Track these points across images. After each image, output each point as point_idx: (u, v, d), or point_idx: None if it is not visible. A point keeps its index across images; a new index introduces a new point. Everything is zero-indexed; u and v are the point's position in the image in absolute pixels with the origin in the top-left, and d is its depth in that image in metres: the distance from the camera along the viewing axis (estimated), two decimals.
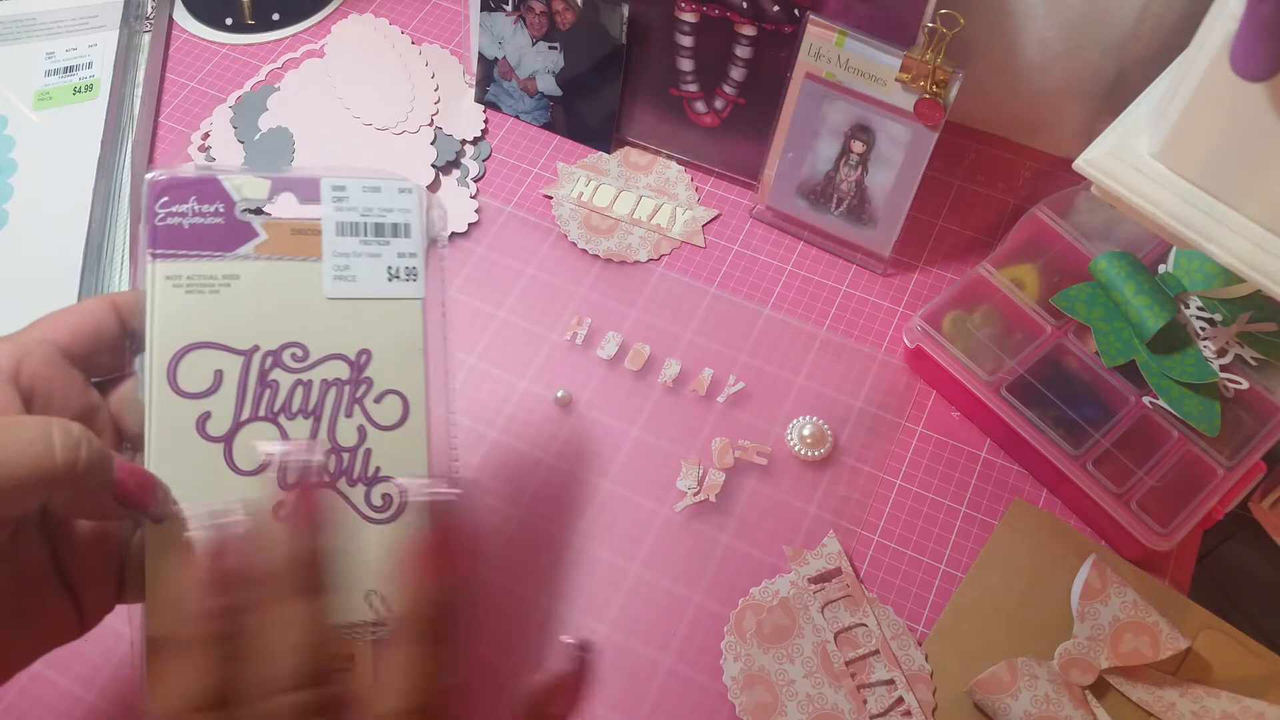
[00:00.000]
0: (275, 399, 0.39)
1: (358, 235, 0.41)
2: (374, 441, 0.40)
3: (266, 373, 0.39)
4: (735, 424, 0.56)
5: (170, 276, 0.39)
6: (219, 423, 0.38)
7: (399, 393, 0.40)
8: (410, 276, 0.41)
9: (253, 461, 0.38)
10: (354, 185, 0.41)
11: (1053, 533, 0.52)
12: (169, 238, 0.39)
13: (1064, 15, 0.57)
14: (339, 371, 0.40)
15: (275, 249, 0.40)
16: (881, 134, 0.57)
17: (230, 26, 0.73)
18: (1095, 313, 0.55)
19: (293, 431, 0.39)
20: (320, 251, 0.40)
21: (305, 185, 0.41)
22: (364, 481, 0.40)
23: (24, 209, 0.61)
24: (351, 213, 0.41)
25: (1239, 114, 0.41)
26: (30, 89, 0.66)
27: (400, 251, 0.41)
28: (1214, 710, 0.47)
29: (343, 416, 0.40)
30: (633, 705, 0.48)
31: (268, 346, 0.39)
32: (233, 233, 0.40)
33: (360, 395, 0.40)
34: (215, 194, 0.40)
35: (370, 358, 0.40)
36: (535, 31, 0.64)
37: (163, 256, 0.39)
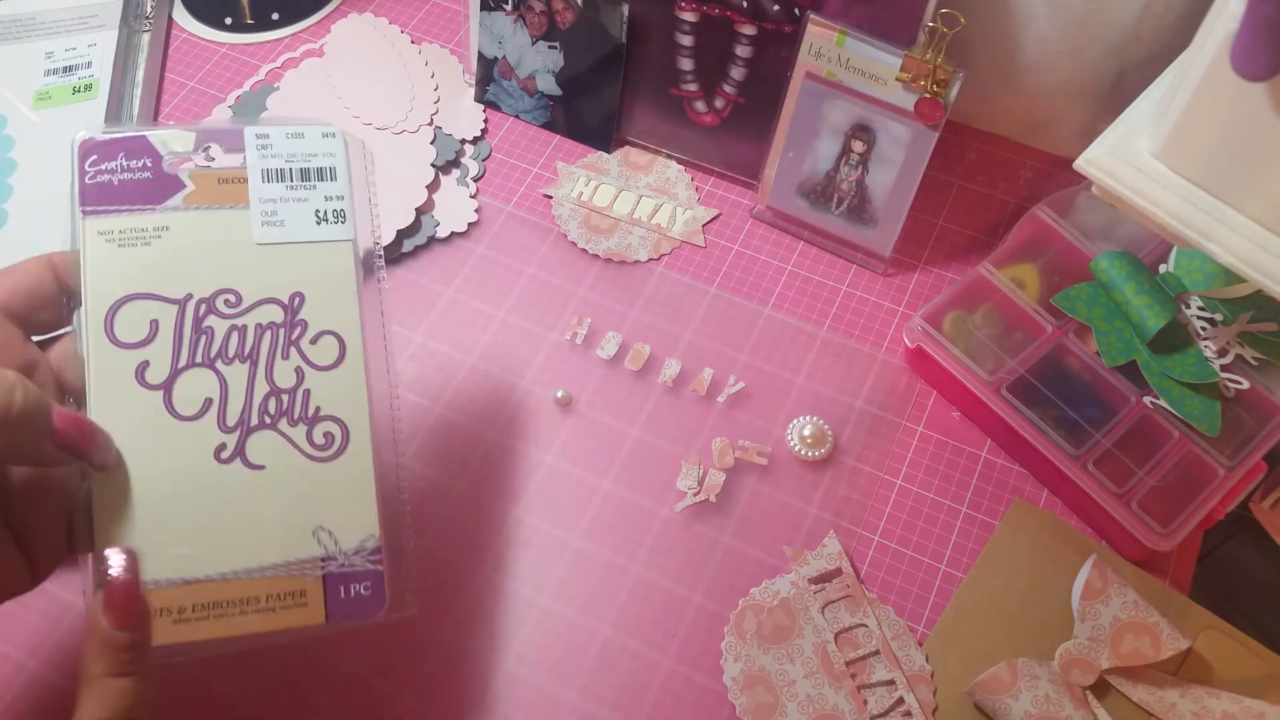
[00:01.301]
0: (211, 345, 0.40)
1: (283, 181, 0.42)
2: (312, 381, 0.41)
3: (201, 320, 0.40)
4: (735, 424, 0.56)
5: (102, 232, 0.40)
6: (157, 371, 0.39)
7: (334, 333, 0.41)
8: (339, 219, 0.42)
9: (192, 407, 0.39)
10: (277, 133, 0.42)
11: (1053, 533, 0.52)
12: (99, 194, 0.40)
13: (1064, 15, 0.57)
14: (273, 315, 0.41)
15: (203, 199, 0.41)
16: (882, 133, 0.57)
17: (230, 26, 0.73)
18: (1096, 312, 0.55)
19: (230, 376, 0.40)
20: (247, 199, 0.41)
21: (229, 135, 0.42)
22: (304, 421, 0.40)
23: (24, 209, 0.61)
24: (276, 159, 0.42)
25: (1239, 114, 0.40)
26: (30, 89, 0.66)
27: (327, 195, 0.42)
28: (1214, 710, 0.47)
29: (279, 359, 0.40)
30: (633, 705, 0.48)
31: (201, 294, 0.40)
32: (161, 186, 0.41)
33: (296, 337, 0.41)
34: (142, 149, 0.41)
35: (303, 300, 0.41)
36: (535, 31, 0.64)
37: (93, 213, 0.40)
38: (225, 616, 0.38)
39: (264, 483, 0.39)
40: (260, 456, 0.40)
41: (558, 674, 0.49)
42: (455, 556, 0.52)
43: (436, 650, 0.49)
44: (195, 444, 0.39)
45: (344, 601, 0.39)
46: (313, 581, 0.39)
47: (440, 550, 0.52)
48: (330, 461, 0.40)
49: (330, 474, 0.40)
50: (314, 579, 0.39)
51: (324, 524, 0.40)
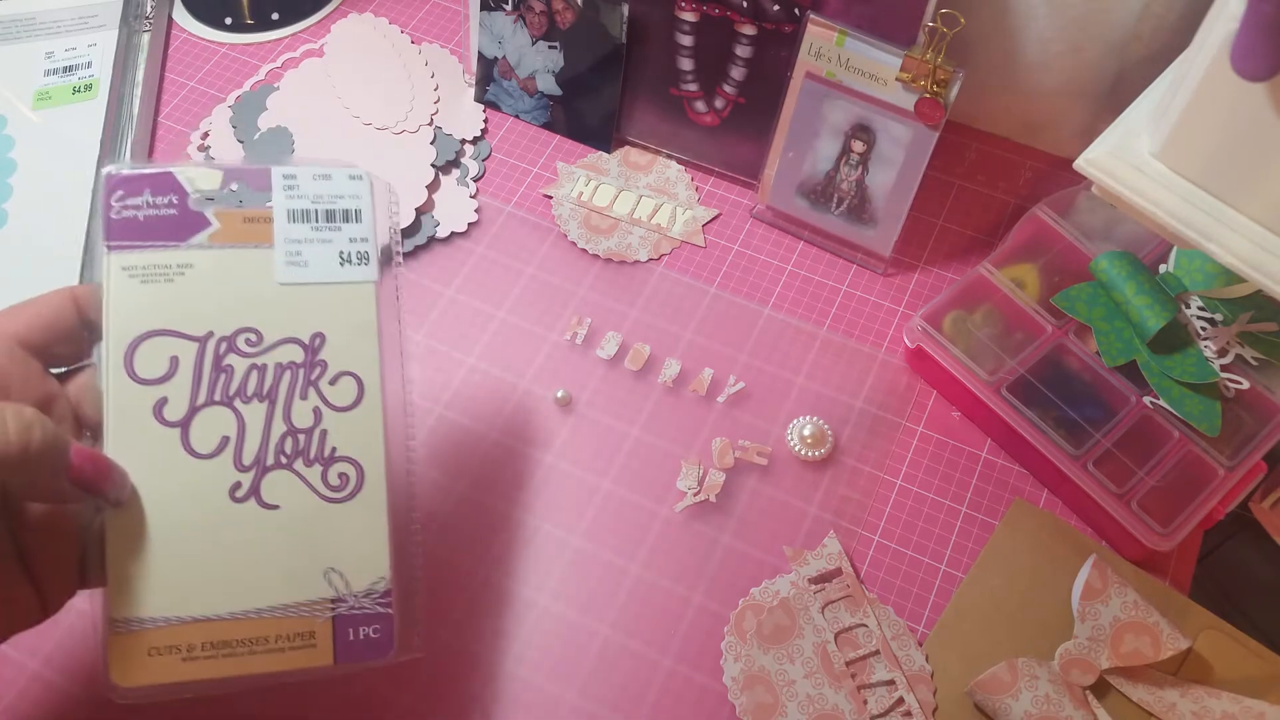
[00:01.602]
0: (230, 383, 0.40)
1: (309, 222, 0.42)
2: (329, 422, 0.41)
3: (221, 358, 0.40)
4: (735, 424, 0.56)
5: (126, 267, 0.39)
6: (175, 408, 0.39)
7: (353, 374, 0.41)
8: (362, 260, 0.42)
9: (209, 445, 0.39)
10: (304, 173, 0.42)
11: (1053, 533, 0.52)
12: (124, 229, 0.40)
13: (1064, 15, 0.57)
14: (293, 355, 0.41)
15: (228, 237, 0.41)
16: (882, 133, 0.57)
17: (230, 26, 0.73)
18: (1096, 312, 0.54)
19: (248, 415, 0.40)
20: (272, 239, 0.41)
21: (256, 175, 0.42)
22: (320, 461, 0.40)
23: (23, 209, 0.61)
24: (302, 200, 0.42)
25: (1239, 114, 0.40)
26: (30, 89, 0.66)
27: (352, 236, 0.42)
28: (1215, 710, 0.47)
29: (298, 399, 0.40)
30: (633, 705, 0.48)
31: (222, 332, 0.40)
32: (186, 223, 0.40)
33: (315, 377, 0.41)
34: (169, 186, 0.41)
35: (324, 340, 0.41)
36: (535, 31, 0.64)
37: (118, 248, 0.40)
38: (234, 656, 0.38)
39: (277, 523, 0.39)
40: (275, 496, 0.40)
41: (558, 674, 0.49)
42: (455, 556, 0.51)
43: (436, 650, 0.49)
44: (210, 482, 0.39)
45: (352, 644, 0.39)
46: (322, 623, 0.39)
47: (440, 550, 0.52)
48: (344, 503, 0.40)
49: (344, 515, 0.40)
50: (324, 620, 0.39)
51: (335, 565, 0.40)
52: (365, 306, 0.42)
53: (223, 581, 0.39)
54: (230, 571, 0.39)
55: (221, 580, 0.39)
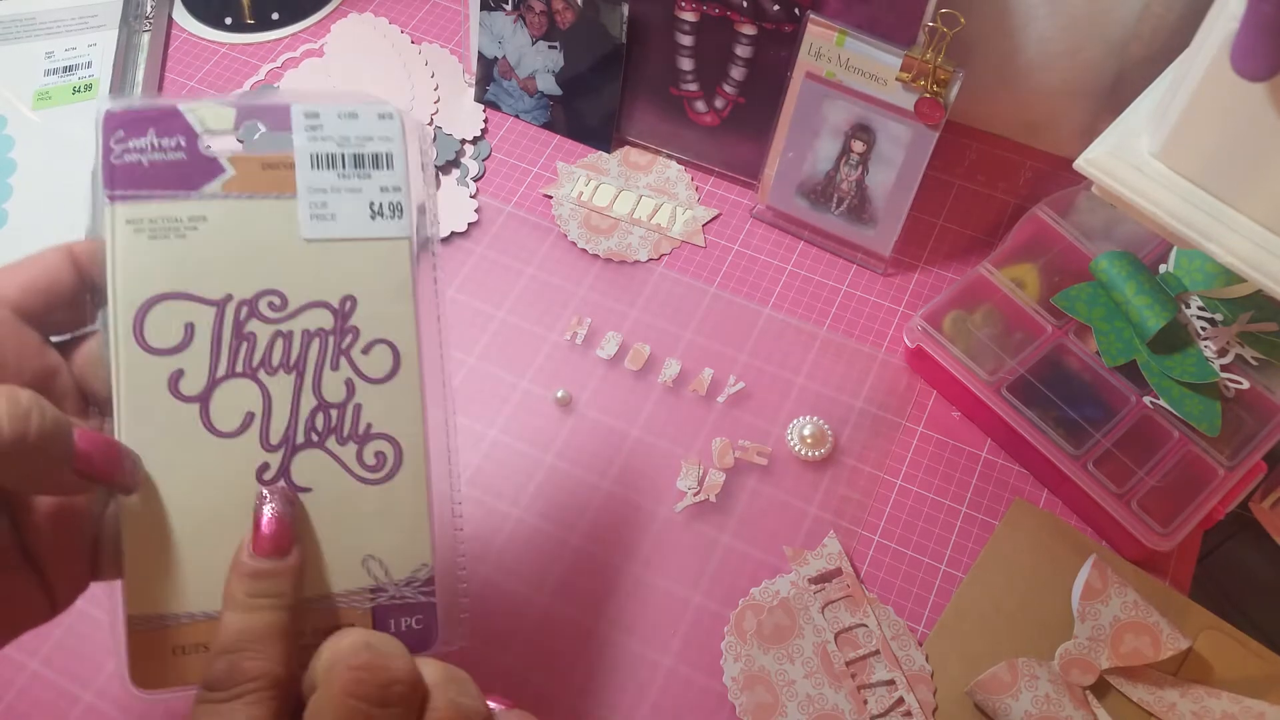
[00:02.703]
0: (253, 353, 0.36)
1: (335, 168, 0.37)
2: (363, 396, 0.36)
3: (242, 324, 0.36)
4: (735, 424, 0.56)
5: (131, 220, 0.35)
6: (193, 381, 0.35)
7: (389, 342, 0.37)
8: (395, 213, 0.37)
9: (232, 422, 0.35)
10: (329, 112, 0.37)
11: (1053, 533, 0.52)
12: (128, 177, 0.35)
13: (1064, 15, 0.57)
14: (322, 320, 0.36)
15: (245, 186, 0.36)
16: (882, 133, 0.57)
17: (230, 26, 0.73)
18: (1096, 312, 0.54)
19: (274, 388, 0.36)
20: (294, 187, 0.37)
21: (275, 113, 0.37)
22: (355, 440, 0.36)
23: (23, 209, 0.61)
24: (327, 143, 0.37)
25: (1239, 114, 0.40)
26: (30, 88, 0.66)
27: (383, 185, 0.37)
28: (1214, 710, 0.47)
29: (328, 369, 0.36)
30: (633, 705, 0.48)
31: (242, 295, 0.36)
32: (197, 169, 0.36)
33: (346, 346, 0.36)
34: (176, 126, 0.36)
35: (355, 304, 0.37)
36: (535, 31, 0.64)
37: (122, 198, 0.35)
38: None
39: (310, 507, 0.36)
40: (307, 478, 0.36)
41: (557, 674, 0.49)
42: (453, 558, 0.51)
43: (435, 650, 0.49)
44: (235, 463, 0.35)
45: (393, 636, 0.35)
46: (361, 614, 0.36)
47: None
48: (382, 484, 0.37)
49: (382, 498, 0.36)
50: (363, 612, 0.36)
51: (374, 552, 0.36)
52: (400, 265, 0.37)
53: None
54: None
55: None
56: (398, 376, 0.37)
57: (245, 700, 0.31)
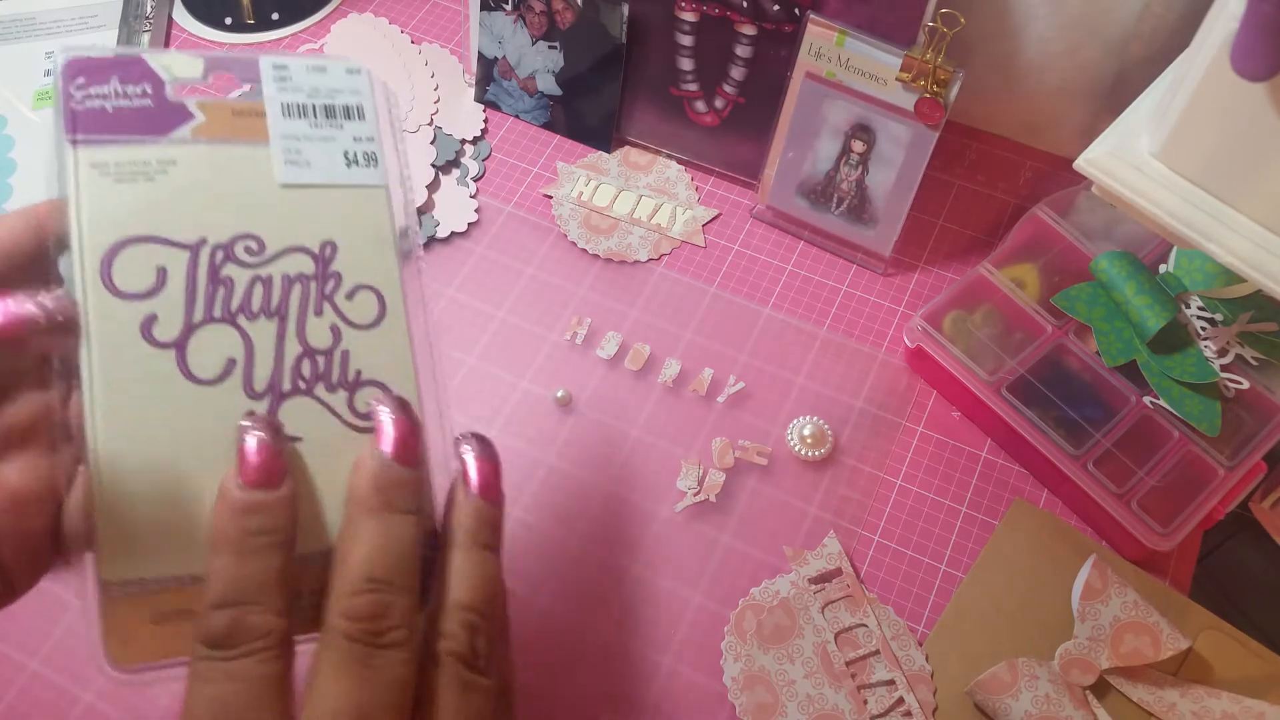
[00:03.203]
0: (231, 297, 0.34)
1: (306, 118, 0.37)
2: (350, 342, 0.35)
3: (218, 268, 0.34)
4: (735, 424, 0.56)
5: (96, 164, 0.34)
6: (167, 326, 0.34)
7: (372, 288, 0.36)
8: (370, 162, 0.37)
9: (212, 369, 0.34)
10: (297, 65, 0.37)
11: (1053, 533, 0.52)
12: (91, 122, 0.34)
13: (1064, 15, 0.57)
14: (302, 266, 0.35)
15: (215, 132, 0.36)
16: (882, 133, 0.57)
17: (230, 26, 0.73)
18: (1096, 312, 0.54)
19: (255, 334, 0.34)
20: (267, 134, 0.36)
21: (243, 65, 0.37)
22: (345, 387, 0.35)
23: None
24: (297, 94, 0.37)
25: (1239, 114, 0.40)
26: (30, 89, 0.66)
27: (356, 135, 0.37)
28: (1214, 710, 0.47)
29: (312, 315, 0.35)
30: (633, 705, 0.48)
31: (217, 239, 0.35)
32: (164, 115, 0.35)
33: (330, 291, 0.36)
34: (141, 74, 0.35)
35: (336, 250, 0.36)
36: (535, 31, 0.64)
37: (85, 143, 0.34)
38: None
39: (301, 458, 0.34)
40: (296, 427, 0.34)
41: (557, 674, 0.49)
42: None
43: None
44: (217, 412, 0.33)
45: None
46: None
47: None
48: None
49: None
50: None
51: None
52: (379, 212, 0.37)
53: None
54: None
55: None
56: (384, 322, 0.36)
57: (257, 658, 0.29)
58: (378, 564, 0.31)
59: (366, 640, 0.30)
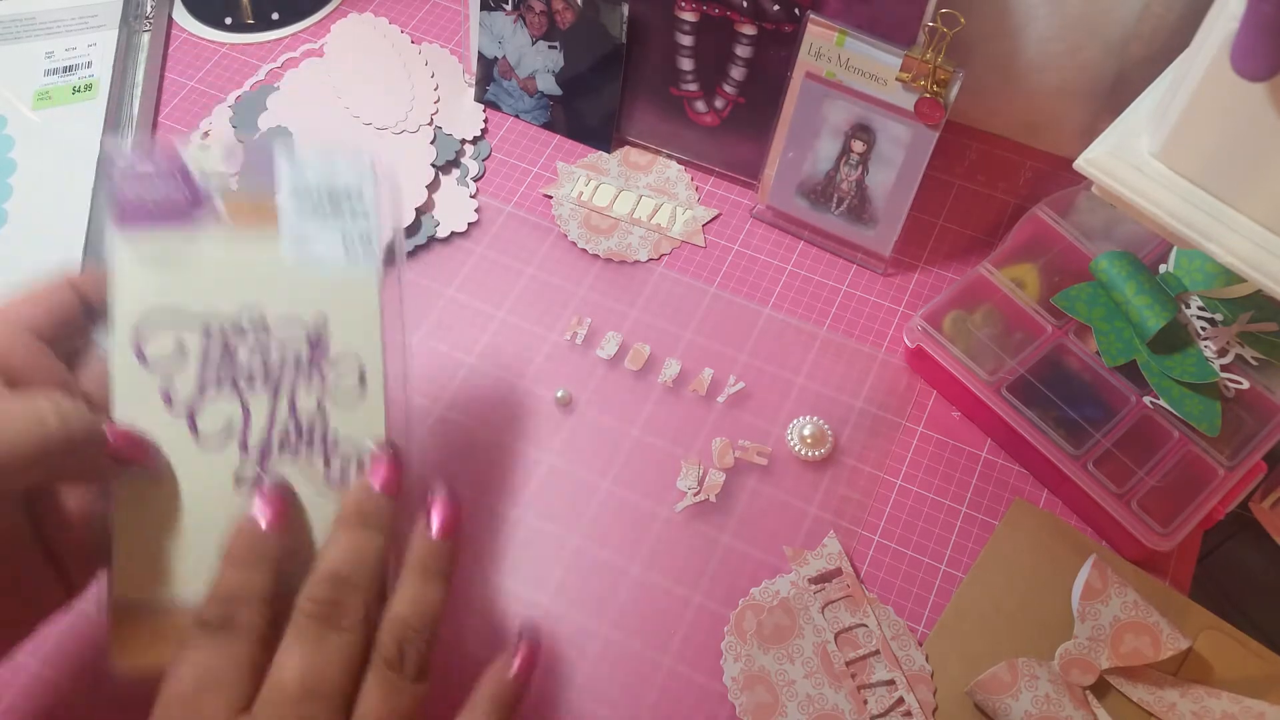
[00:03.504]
0: (234, 367, 0.40)
1: (313, 204, 0.41)
2: (332, 410, 0.40)
3: (227, 340, 0.40)
4: (735, 424, 0.56)
5: (133, 248, 0.40)
6: (182, 392, 0.39)
7: (356, 361, 0.41)
8: (365, 245, 0.41)
9: (214, 430, 0.39)
10: (308, 154, 0.42)
11: (1053, 533, 0.52)
12: (131, 210, 0.40)
13: (1065, 14, 0.57)
14: (297, 337, 0.40)
15: (234, 219, 0.41)
16: (882, 133, 0.57)
17: (230, 26, 0.73)
18: (1096, 312, 0.54)
19: (253, 400, 0.40)
20: (277, 222, 0.41)
21: (260, 156, 0.41)
22: (322, 450, 0.40)
23: (23, 209, 0.61)
24: (306, 182, 0.42)
25: (1240, 114, 0.40)
26: (30, 88, 0.66)
27: (355, 221, 0.42)
28: (1215, 710, 0.47)
29: (302, 383, 0.40)
30: (633, 705, 0.48)
31: (227, 314, 0.40)
32: (193, 205, 0.40)
33: (318, 360, 0.41)
34: (175, 166, 0.40)
35: (327, 327, 0.41)
36: (535, 31, 0.64)
37: (125, 228, 0.40)
38: None
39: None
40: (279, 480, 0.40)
41: (557, 674, 0.49)
42: None
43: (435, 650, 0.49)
44: (216, 467, 0.39)
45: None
46: None
47: None
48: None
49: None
50: None
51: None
52: (369, 292, 0.41)
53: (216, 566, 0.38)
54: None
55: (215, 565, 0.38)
56: (364, 393, 0.41)
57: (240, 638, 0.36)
58: (344, 565, 0.37)
59: (322, 620, 0.36)
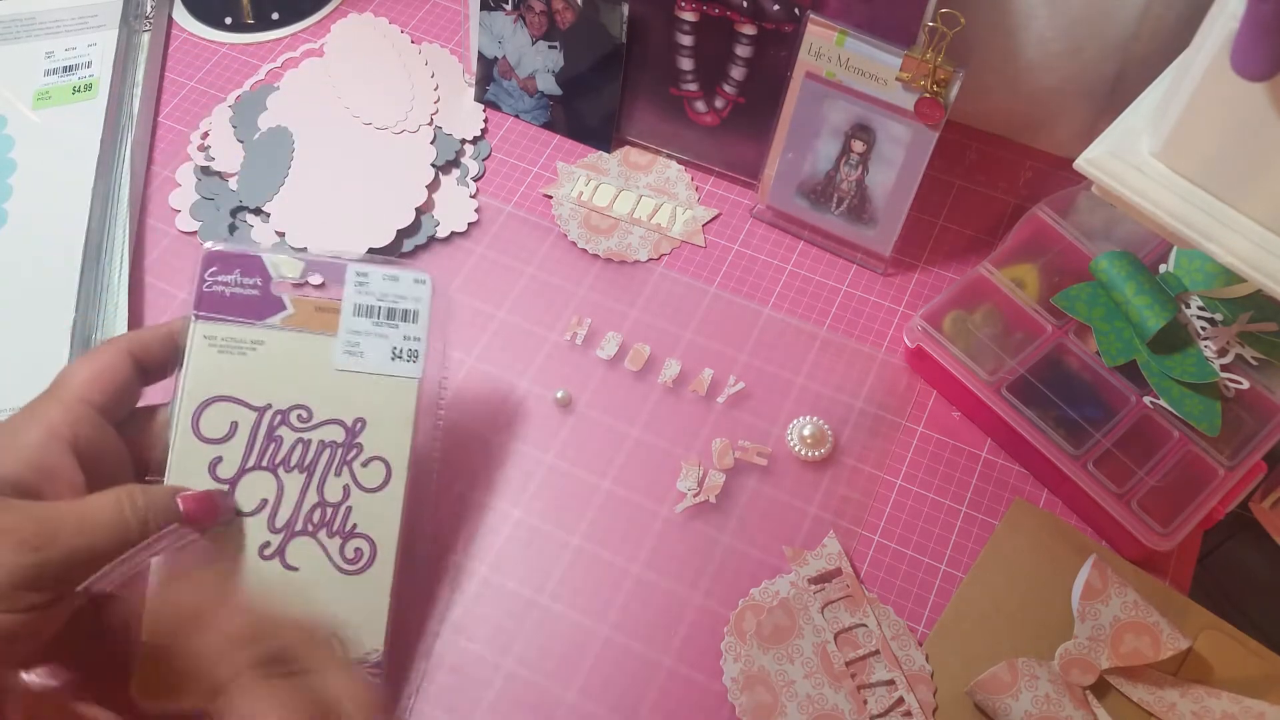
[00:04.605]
0: (277, 452, 0.44)
1: (371, 317, 0.46)
2: (356, 500, 0.45)
3: (274, 428, 0.44)
4: (735, 424, 0.56)
5: (208, 336, 0.44)
6: (228, 467, 0.44)
7: (384, 460, 0.45)
8: (411, 358, 0.46)
9: (249, 504, 0.44)
10: (375, 273, 0.46)
11: (1053, 533, 0.52)
12: (212, 302, 0.44)
13: (1064, 14, 0.57)
14: (335, 435, 0.45)
15: (299, 322, 0.45)
16: (882, 133, 0.57)
17: (230, 26, 0.73)
18: (1096, 312, 0.54)
19: (287, 483, 0.44)
20: (336, 328, 0.45)
21: (333, 268, 0.46)
22: (340, 535, 0.44)
23: (23, 209, 0.61)
24: (369, 297, 0.46)
25: (1239, 114, 0.40)
26: (30, 88, 0.66)
27: (406, 335, 0.46)
28: (1214, 710, 0.47)
29: (332, 475, 0.45)
30: (633, 705, 0.48)
31: (279, 406, 0.45)
32: (266, 304, 0.45)
33: (350, 458, 0.45)
34: (256, 269, 0.45)
35: (364, 426, 0.45)
36: (535, 31, 0.64)
37: (204, 318, 0.44)
38: None
39: (295, 584, 0.44)
40: (297, 559, 0.44)
41: (558, 674, 0.49)
42: (454, 557, 0.51)
43: (435, 650, 0.49)
44: (245, 537, 0.43)
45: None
46: None
47: (439, 550, 0.52)
48: (355, 575, 0.44)
49: (353, 586, 0.44)
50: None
51: (337, 631, 0.43)
52: (407, 400, 0.46)
53: None
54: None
55: None
56: (386, 489, 0.45)
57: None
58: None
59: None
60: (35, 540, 0.35)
